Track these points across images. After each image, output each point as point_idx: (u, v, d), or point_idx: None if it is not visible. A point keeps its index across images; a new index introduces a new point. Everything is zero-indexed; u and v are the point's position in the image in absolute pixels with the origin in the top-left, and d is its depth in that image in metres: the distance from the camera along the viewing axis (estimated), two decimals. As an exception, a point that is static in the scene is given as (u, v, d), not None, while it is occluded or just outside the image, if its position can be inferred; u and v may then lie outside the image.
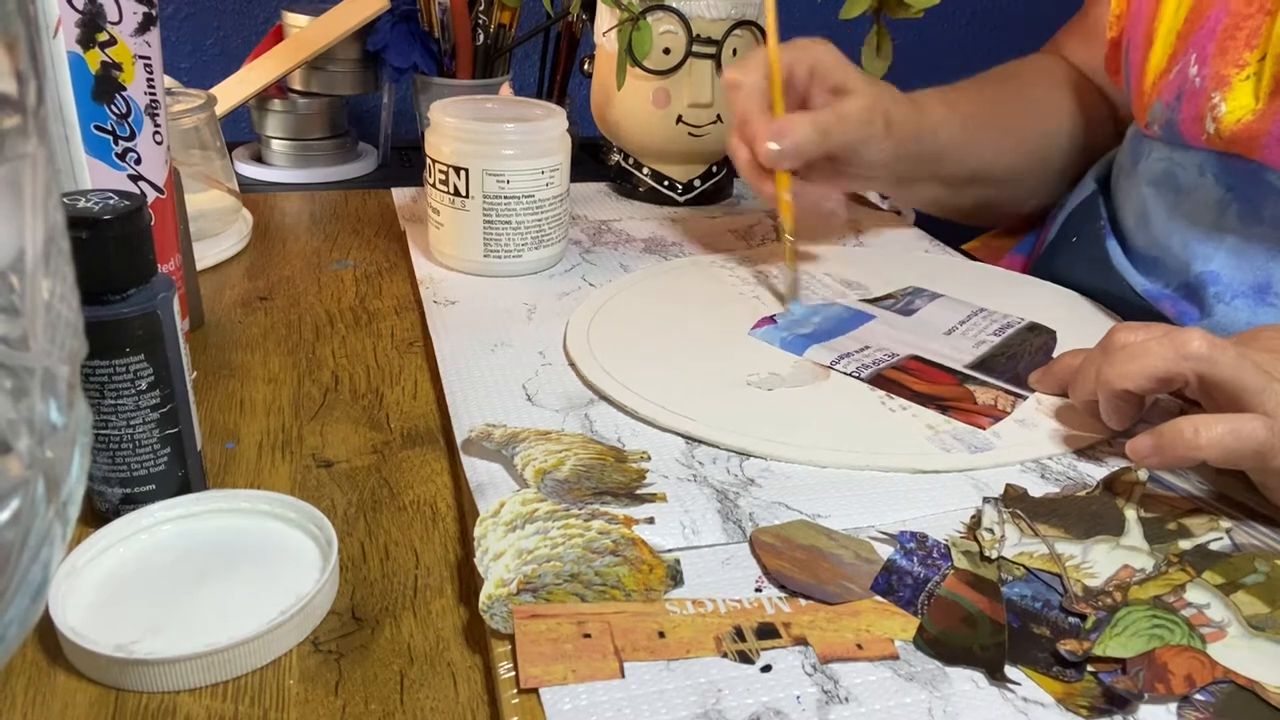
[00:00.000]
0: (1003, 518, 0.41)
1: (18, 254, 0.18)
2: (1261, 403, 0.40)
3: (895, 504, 0.43)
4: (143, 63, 0.47)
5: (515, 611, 0.35)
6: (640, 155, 0.80)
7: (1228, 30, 0.54)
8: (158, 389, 0.39)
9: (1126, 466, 0.44)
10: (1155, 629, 0.35)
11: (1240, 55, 0.54)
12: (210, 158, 0.71)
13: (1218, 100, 0.54)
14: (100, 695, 0.33)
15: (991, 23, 1.32)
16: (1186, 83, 0.57)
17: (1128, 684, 0.32)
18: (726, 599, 0.37)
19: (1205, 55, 0.56)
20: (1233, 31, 0.54)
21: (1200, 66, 0.56)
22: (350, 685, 0.34)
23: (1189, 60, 0.57)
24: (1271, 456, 0.39)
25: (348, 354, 0.57)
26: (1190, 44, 0.57)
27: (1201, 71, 0.56)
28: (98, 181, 0.47)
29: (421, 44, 0.87)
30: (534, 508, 0.40)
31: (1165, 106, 0.59)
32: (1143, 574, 0.38)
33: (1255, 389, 0.41)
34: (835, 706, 0.32)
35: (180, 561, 0.38)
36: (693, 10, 0.72)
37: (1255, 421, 0.39)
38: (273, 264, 0.69)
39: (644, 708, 0.32)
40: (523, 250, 0.65)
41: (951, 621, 0.36)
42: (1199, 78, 0.56)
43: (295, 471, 0.46)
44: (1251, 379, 0.41)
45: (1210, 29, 0.56)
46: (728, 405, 0.49)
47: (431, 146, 0.64)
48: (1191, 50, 0.57)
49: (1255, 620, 0.36)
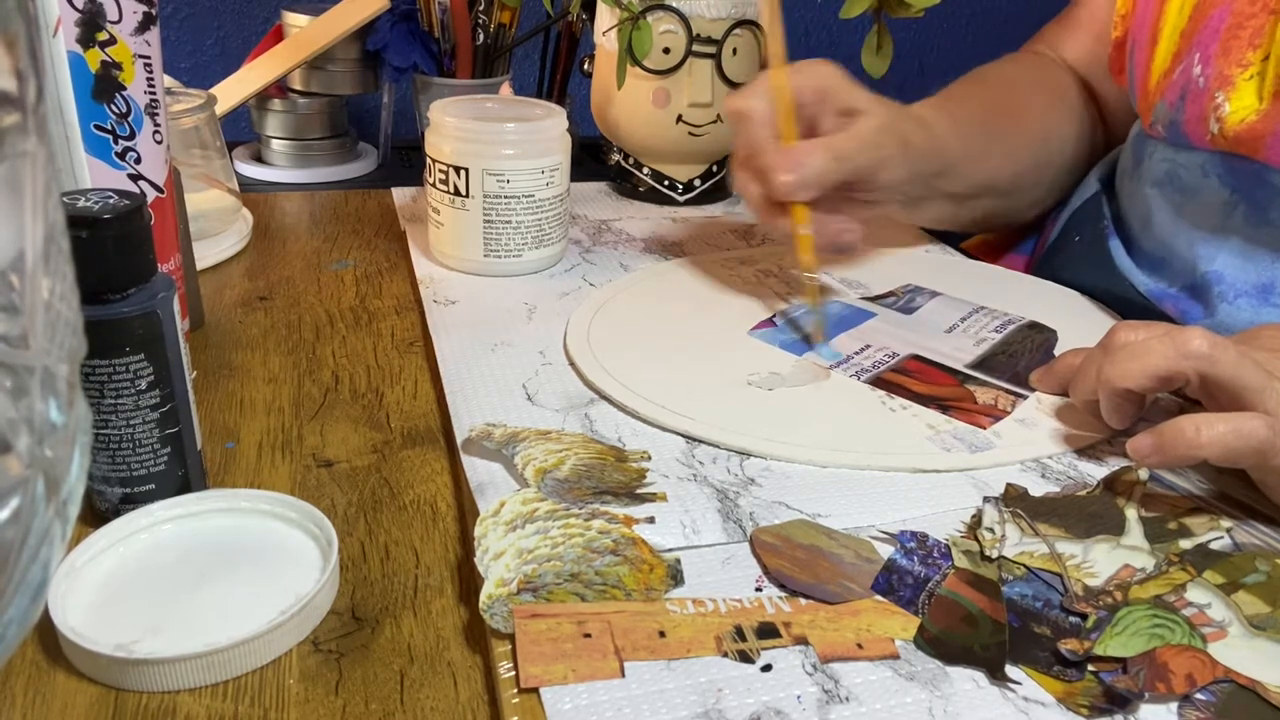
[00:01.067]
0: (1003, 517, 0.41)
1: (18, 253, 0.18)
2: (1262, 401, 0.40)
3: (895, 503, 0.43)
4: (143, 62, 0.47)
5: (515, 611, 0.35)
6: (640, 155, 0.80)
7: (1231, 30, 0.54)
8: (158, 388, 0.39)
9: (1127, 466, 0.44)
10: (1156, 628, 0.35)
11: (1244, 55, 0.53)
12: (210, 157, 0.71)
13: (1221, 100, 0.54)
14: (100, 695, 0.33)
15: (991, 23, 1.32)
16: (1190, 83, 0.56)
17: (1128, 683, 0.32)
18: (727, 598, 0.37)
19: (1209, 55, 0.55)
20: (1236, 31, 0.54)
21: (1204, 66, 0.56)
22: (350, 685, 0.34)
23: (1193, 60, 0.56)
24: (1272, 455, 0.39)
25: (348, 354, 0.57)
26: (1194, 44, 0.57)
27: (1205, 71, 0.55)
28: (98, 181, 0.47)
29: (421, 44, 0.87)
30: (534, 507, 0.40)
31: (1169, 107, 0.58)
32: (1143, 573, 0.38)
33: (1256, 387, 0.41)
34: (836, 706, 0.32)
35: (180, 561, 0.38)
36: (693, 10, 0.72)
37: (1256, 420, 0.39)
38: (273, 264, 0.69)
39: (644, 707, 0.32)
40: (523, 250, 0.65)
41: (952, 621, 0.36)
42: (1202, 78, 0.56)
43: (295, 471, 0.46)
44: (1252, 377, 0.41)
45: (1214, 28, 0.55)
46: (728, 405, 0.49)
47: (431, 146, 0.64)
48: (1195, 50, 0.56)
49: (1256, 620, 0.36)
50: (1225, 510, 0.42)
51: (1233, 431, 0.39)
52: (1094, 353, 0.48)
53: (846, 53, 0.64)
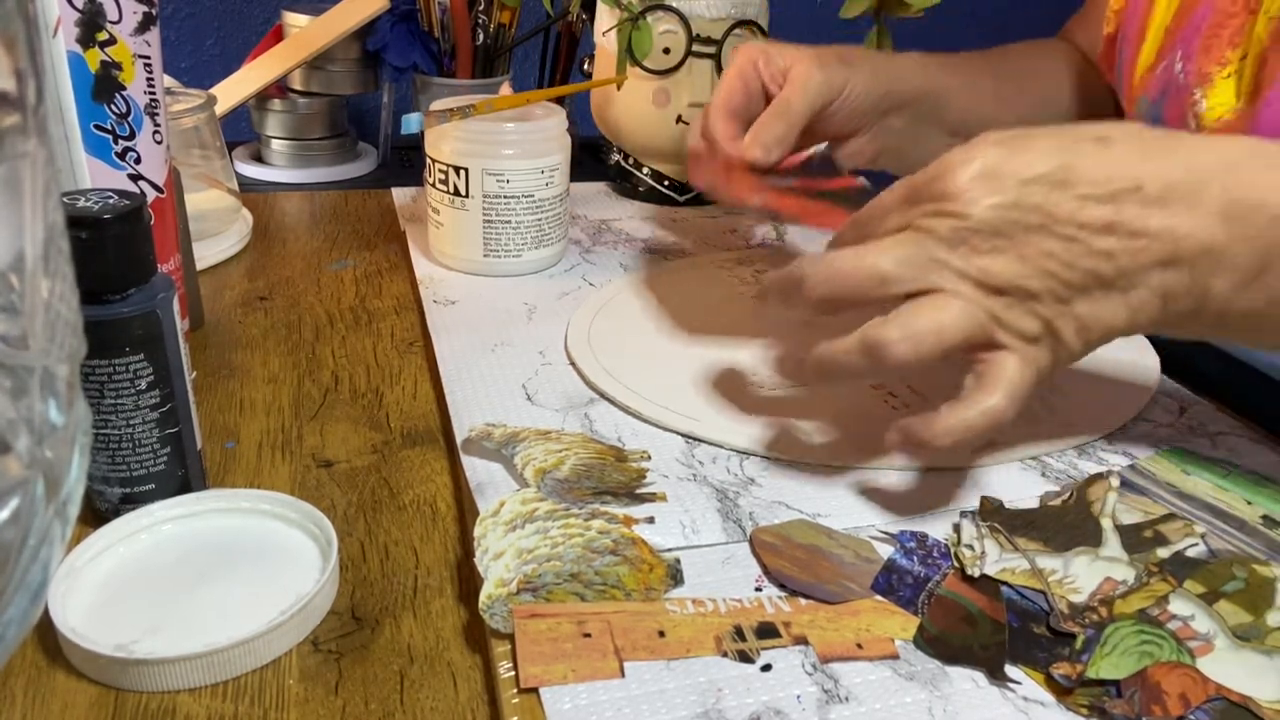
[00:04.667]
0: (981, 532, 0.40)
1: (18, 253, 0.18)
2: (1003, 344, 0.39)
3: (895, 503, 0.43)
4: (143, 62, 0.47)
5: (515, 611, 0.35)
6: (640, 155, 0.80)
7: (1212, 27, 0.54)
8: (157, 389, 0.39)
9: (1099, 473, 0.44)
10: (1144, 645, 0.35)
11: (1223, 53, 0.53)
12: (210, 158, 0.71)
13: (1199, 97, 0.54)
14: (100, 695, 0.33)
15: (992, 23, 1.32)
16: (1172, 79, 0.56)
17: (1124, 708, 0.32)
18: (726, 598, 0.37)
19: (1190, 52, 0.55)
20: (1217, 29, 0.54)
21: (1185, 63, 0.55)
22: (350, 685, 0.34)
23: (1175, 57, 0.56)
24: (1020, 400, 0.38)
25: (348, 354, 0.57)
26: (1177, 40, 0.57)
27: (1186, 68, 0.55)
28: (98, 181, 0.47)
29: (421, 44, 0.87)
30: (534, 507, 0.40)
31: (1151, 103, 0.58)
32: (1125, 586, 0.38)
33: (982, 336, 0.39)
34: (835, 706, 0.32)
35: (180, 561, 0.38)
36: (693, 10, 0.72)
37: (991, 388, 0.38)
38: (273, 264, 0.69)
39: (644, 707, 0.32)
40: (523, 250, 0.65)
41: (952, 621, 0.36)
42: (1183, 74, 0.55)
43: (295, 471, 0.46)
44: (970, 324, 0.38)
45: (1196, 25, 0.55)
46: (728, 405, 0.49)
47: (431, 146, 0.64)
48: (1178, 47, 0.56)
49: (1240, 630, 0.35)
50: (1196, 516, 0.42)
51: (978, 416, 0.38)
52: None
53: (846, 53, 0.64)
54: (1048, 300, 0.38)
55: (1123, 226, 0.37)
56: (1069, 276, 0.38)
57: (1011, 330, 0.38)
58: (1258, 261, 0.37)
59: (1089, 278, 0.38)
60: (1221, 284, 0.37)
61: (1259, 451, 0.47)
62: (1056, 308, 0.38)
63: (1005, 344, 0.38)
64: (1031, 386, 0.39)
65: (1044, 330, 0.38)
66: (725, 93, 0.59)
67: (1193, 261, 0.37)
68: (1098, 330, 0.39)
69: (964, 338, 0.38)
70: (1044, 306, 0.38)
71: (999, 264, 0.38)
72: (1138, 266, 0.38)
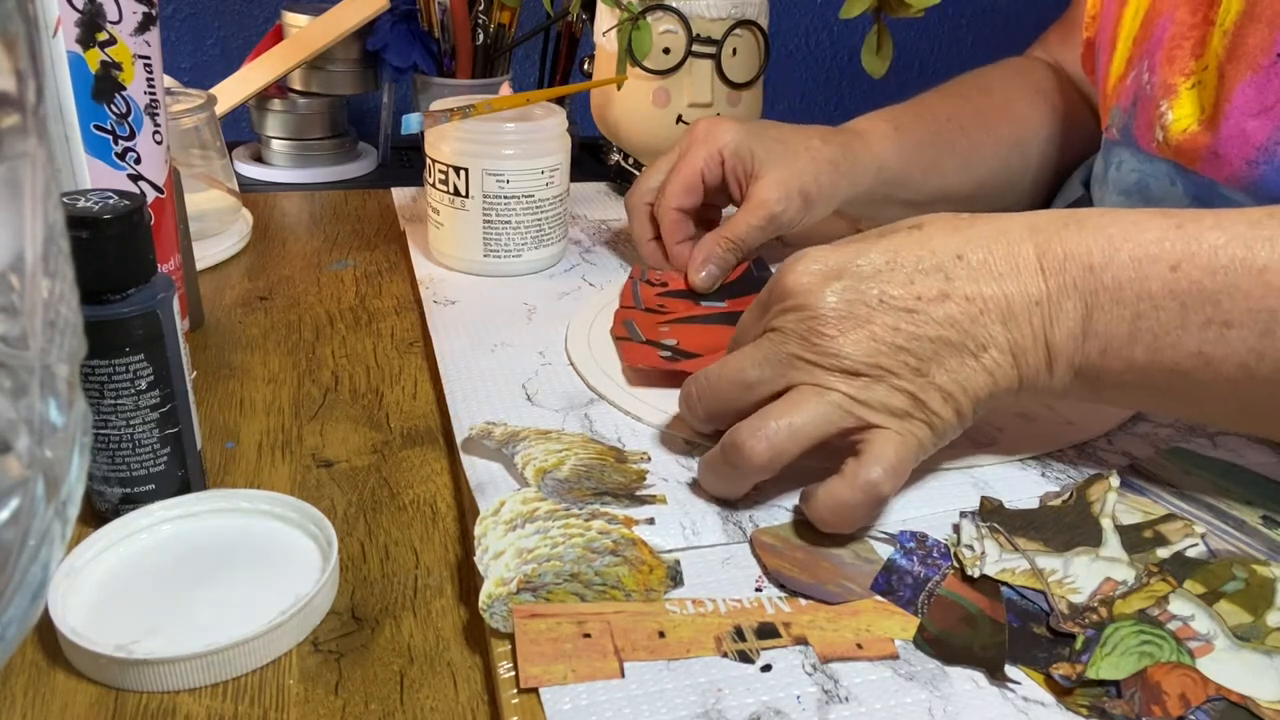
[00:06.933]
0: (981, 533, 0.40)
1: (18, 253, 0.18)
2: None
3: (895, 503, 0.43)
4: (143, 62, 0.47)
5: (515, 611, 0.35)
6: (640, 155, 0.80)
7: (1174, 39, 0.53)
8: (158, 389, 0.39)
9: (1098, 473, 0.44)
10: (1144, 645, 0.35)
11: (1187, 64, 0.53)
12: (210, 158, 0.71)
13: (1165, 109, 0.53)
14: (100, 695, 0.33)
15: (991, 23, 1.32)
16: (1141, 89, 0.56)
17: (1124, 708, 0.32)
18: (726, 599, 0.37)
19: (1155, 63, 0.55)
20: (1180, 41, 0.53)
21: (1151, 74, 0.55)
22: (350, 685, 0.34)
23: (1143, 66, 0.56)
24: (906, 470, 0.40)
25: (348, 354, 0.57)
26: (1144, 50, 0.56)
27: (1152, 79, 0.55)
28: (97, 181, 0.47)
29: (421, 44, 0.87)
30: (534, 507, 0.40)
31: (1123, 112, 0.58)
32: (1125, 586, 0.37)
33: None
34: (835, 706, 0.32)
35: (180, 562, 0.38)
36: (693, 10, 0.72)
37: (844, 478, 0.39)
38: (273, 264, 0.69)
39: (644, 707, 0.32)
40: (522, 250, 0.65)
41: (951, 621, 0.36)
42: (1149, 85, 0.55)
43: (295, 471, 0.46)
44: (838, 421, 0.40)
45: (1159, 37, 0.55)
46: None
47: (431, 146, 0.64)
48: (1145, 57, 0.56)
49: (1240, 630, 0.35)
50: (1196, 515, 0.42)
51: (843, 493, 0.39)
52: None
53: (846, 53, 0.63)
54: (906, 374, 0.39)
55: (957, 291, 0.39)
56: (918, 348, 0.39)
57: (878, 409, 0.39)
58: (1084, 309, 0.39)
59: (939, 345, 0.39)
60: (1060, 334, 0.39)
61: (1259, 451, 0.47)
62: (917, 381, 0.39)
63: (877, 423, 0.39)
64: (912, 459, 0.40)
65: (911, 404, 0.39)
66: (683, 184, 0.62)
67: (1028, 314, 0.39)
68: (964, 397, 0.40)
69: (823, 430, 0.39)
70: (903, 381, 0.39)
71: (849, 345, 0.39)
72: (979, 327, 0.39)
